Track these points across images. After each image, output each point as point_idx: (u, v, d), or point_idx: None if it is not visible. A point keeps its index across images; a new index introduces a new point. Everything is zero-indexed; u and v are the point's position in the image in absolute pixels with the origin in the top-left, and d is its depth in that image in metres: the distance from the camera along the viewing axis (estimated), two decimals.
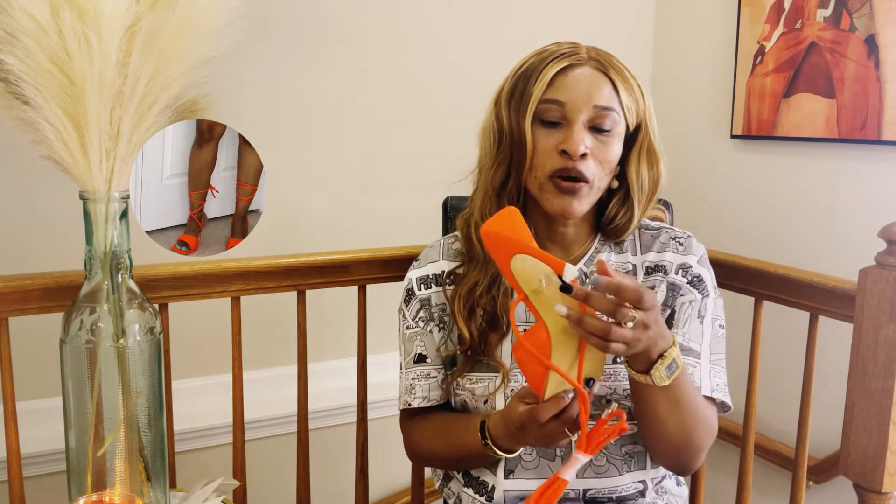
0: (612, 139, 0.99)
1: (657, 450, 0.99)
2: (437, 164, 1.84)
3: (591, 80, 0.98)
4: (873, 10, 1.64)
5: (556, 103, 0.97)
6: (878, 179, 1.68)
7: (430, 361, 1.08)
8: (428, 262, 1.11)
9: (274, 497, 1.68)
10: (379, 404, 1.65)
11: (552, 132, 0.98)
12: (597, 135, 0.98)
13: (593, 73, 0.98)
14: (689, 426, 0.95)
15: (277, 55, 1.70)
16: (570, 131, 0.97)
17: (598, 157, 0.98)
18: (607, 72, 0.98)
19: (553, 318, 0.82)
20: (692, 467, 1.01)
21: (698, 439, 0.97)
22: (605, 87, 0.98)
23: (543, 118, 0.98)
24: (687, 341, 1.02)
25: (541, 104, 0.98)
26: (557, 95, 0.97)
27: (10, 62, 0.86)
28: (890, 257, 1.11)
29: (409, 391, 1.09)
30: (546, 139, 0.98)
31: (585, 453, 0.84)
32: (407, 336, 1.10)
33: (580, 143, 0.96)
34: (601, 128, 0.98)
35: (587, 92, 0.97)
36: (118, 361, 0.94)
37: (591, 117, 0.97)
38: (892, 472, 1.12)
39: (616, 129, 0.99)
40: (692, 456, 0.98)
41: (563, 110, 0.97)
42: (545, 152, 0.98)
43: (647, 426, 0.96)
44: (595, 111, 0.97)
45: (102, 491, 0.94)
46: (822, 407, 1.44)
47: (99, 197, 0.93)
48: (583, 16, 2.07)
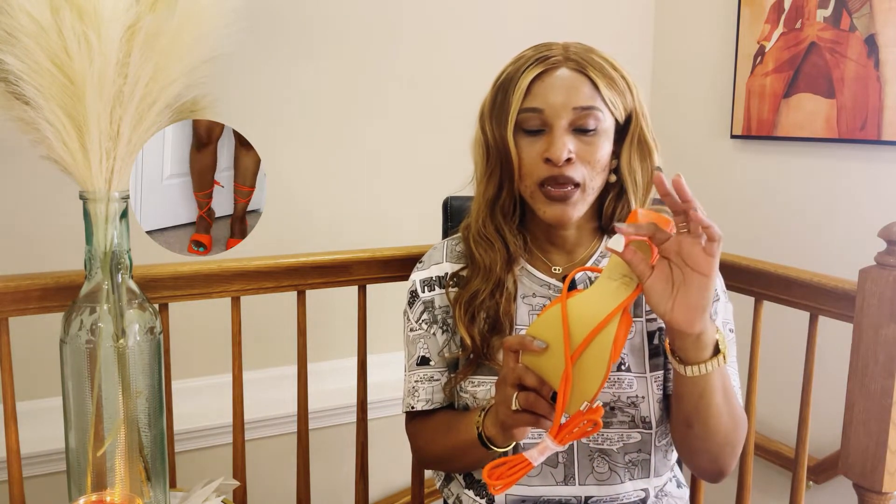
0: (597, 138, 0.97)
1: (706, 450, 0.96)
2: (438, 164, 1.84)
3: (569, 83, 0.96)
4: (873, 10, 1.64)
5: (535, 111, 0.96)
6: (878, 179, 1.68)
7: (434, 364, 1.08)
8: (431, 264, 1.11)
9: (274, 497, 1.68)
10: (379, 404, 1.65)
11: (535, 140, 0.97)
12: (581, 136, 0.96)
13: (570, 74, 0.97)
14: (736, 414, 0.94)
15: (277, 55, 1.70)
16: (551, 138, 0.95)
17: (584, 159, 0.96)
18: (585, 70, 0.97)
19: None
20: (731, 466, 0.99)
21: (742, 432, 0.97)
22: (584, 87, 0.96)
23: (525, 127, 0.97)
24: None
25: (521, 114, 0.97)
26: (536, 103, 0.96)
27: (10, 62, 0.86)
28: (890, 257, 1.11)
29: (413, 394, 1.09)
30: (530, 148, 0.97)
31: (555, 440, 0.82)
32: (410, 338, 1.10)
33: (563, 149, 0.94)
34: (585, 128, 0.96)
35: (565, 95, 0.95)
36: (118, 361, 0.94)
37: (573, 120, 0.96)
38: (892, 472, 1.12)
39: (601, 127, 0.97)
40: (737, 451, 0.97)
41: (543, 117, 0.96)
42: (531, 162, 0.97)
43: (702, 425, 0.93)
44: (576, 113, 0.95)
45: (102, 491, 0.94)
46: (822, 407, 1.44)
47: (99, 197, 0.93)
48: (583, 16, 2.07)
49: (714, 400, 0.90)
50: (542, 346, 0.82)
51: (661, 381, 1.01)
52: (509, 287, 1.02)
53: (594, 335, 0.80)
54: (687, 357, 0.87)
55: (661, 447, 1.03)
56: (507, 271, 1.03)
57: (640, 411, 0.99)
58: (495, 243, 1.03)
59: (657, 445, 1.02)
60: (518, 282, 1.04)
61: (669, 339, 0.89)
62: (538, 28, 1.97)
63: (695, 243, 0.79)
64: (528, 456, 0.83)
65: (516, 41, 1.12)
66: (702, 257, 0.79)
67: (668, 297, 0.81)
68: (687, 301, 0.81)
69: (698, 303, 0.81)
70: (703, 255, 0.79)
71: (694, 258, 0.79)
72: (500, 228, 1.04)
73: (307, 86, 1.74)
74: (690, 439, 0.96)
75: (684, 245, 0.79)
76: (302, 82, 1.74)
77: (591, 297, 0.83)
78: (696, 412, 0.92)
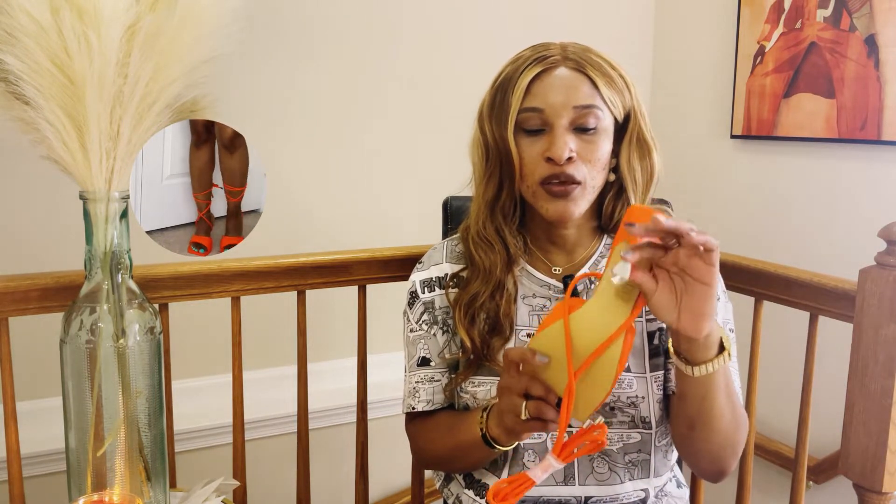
0: (597, 137, 0.98)
1: (707, 451, 0.96)
2: (438, 164, 1.84)
3: (568, 82, 0.97)
4: (873, 10, 1.64)
5: (535, 111, 0.97)
6: (878, 179, 1.68)
7: (434, 365, 1.08)
8: (431, 265, 1.11)
9: (274, 497, 1.68)
10: (379, 404, 1.65)
11: (536, 140, 0.98)
12: (581, 135, 0.97)
13: (570, 73, 0.97)
14: (738, 415, 0.94)
15: (277, 55, 1.70)
16: (552, 137, 0.96)
17: (585, 158, 0.97)
18: (584, 69, 0.97)
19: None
20: (732, 466, 0.99)
21: (743, 432, 0.97)
22: (584, 86, 0.97)
23: (525, 127, 0.98)
24: None
25: (520, 114, 0.97)
26: (535, 103, 0.97)
27: (10, 62, 0.86)
28: (890, 257, 1.11)
29: (413, 395, 1.08)
30: (531, 148, 0.98)
31: (558, 458, 0.82)
32: (411, 339, 1.10)
33: (564, 148, 0.95)
34: (585, 127, 0.97)
35: (565, 94, 0.96)
36: (118, 361, 0.94)
37: (573, 119, 0.96)
38: (892, 472, 1.12)
39: (601, 126, 0.98)
40: (738, 451, 0.97)
41: (543, 116, 0.97)
42: (532, 161, 0.98)
43: (705, 426, 0.93)
44: (576, 112, 0.96)
45: (102, 491, 0.94)
46: (822, 407, 1.44)
47: (99, 197, 0.93)
48: (583, 16, 2.07)
49: (718, 401, 0.90)
50: (543, 360, 0.82)
51: (661, 382, 1.01)
52: (509, 288, 1.02)
53: (599, 353, 0.80)
54: (694, 357, 0.87)
55: (661, 447, 1.03)
56: (507, 273, 1.03)
57: (640, 411, 0.99)
58: (495, 245, 1.03)
59: (657, 445, 1.02)
60: (518, 282, 1.04)
61: (675, 343, 0.89)
62: (538, 28, 1.97)
63: (692, 255, 0.79)
64: (531, 475, 0.84)
65: (516, 41, 1.12)
66: (701, 267, 0.79)
67: (673, 308, 0.81)
68: (692, 309, 0.81)
69: (703, 310, 0.81)
70: (703, 265, 0.79)
71: (693, 269, 0.79)
72: (500, 230, 1.04)
73: (307, 86, 1.74)
74: (692, 440, 0.96)
75: (682, 257, 0.79)
76: (302, 82, 1.74)
77: (594, 309, 0.82)
78: (699, 413, 0.92)
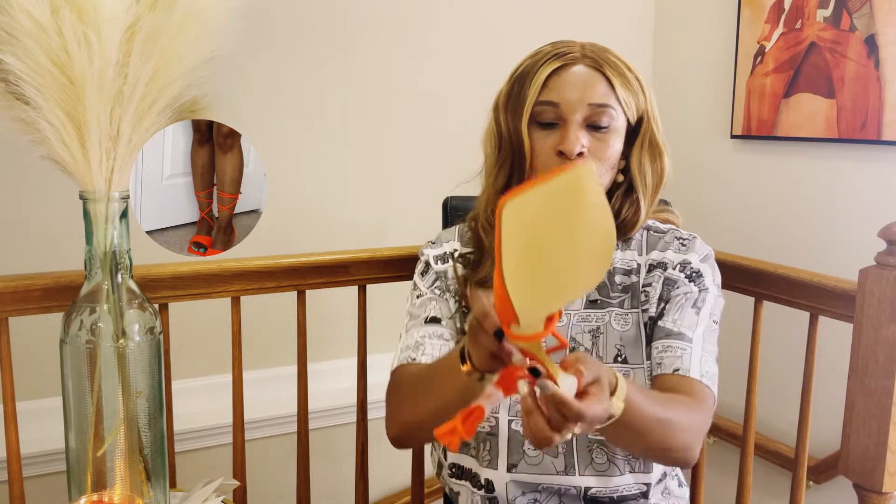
0: (610, 136, 0.99)
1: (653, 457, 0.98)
2: (438, 164, 1.84)
3: (586, 79, 0.98)
4: (873, 10, 1.64)
5: (550, 104, 0.98)
6: (878, 179, 1.68)
7: (444, 325, 1.05)
8: (444, 242, 1.13)
9: (274, 497, 1.68)
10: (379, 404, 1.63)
11: (549, 133, 0.99)
12: (594, 132, 0.99)
13: (587, 71, 0.99)
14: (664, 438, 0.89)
15: (277, 55, 1.70)
16: (565, 131, 0.98)
17: (596, 155, 0.99)
18: (602, 68, 0.99)
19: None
20: (687, 463, 0.98)
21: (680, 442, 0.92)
22: (600, 85, 0.98)
23: (539, 120, 0.99)
24: (678, 327, 1.01)
25: (536, 106, 0.99)
26: (552, 97, 0.98)
27: (10, 62, 0.86)
28: (890, 257, 1.11)
29: (417, 347, 1.03)
30: (543, 141, 0.99)
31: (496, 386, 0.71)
32: (418, 303, 1.07)
33: (576, 142, 0.97)
34: (598, 125, 0.98)
35: (581, 91, 0.98)
36: (118, 361, 0.94)
37: (587, 115, 0.98)
38: (892, 472, 1.12)
39: (614, 125, 0.99)
40: (680, 457, 0.94)
41: (559, 111, 0.98)
42: (543, 154, 0.99)
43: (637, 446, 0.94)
44: (591, 109, 0.98)
45: (102, 491, 0.94)
46: (822, 407, 1.44)
47: (99, 197, 0.93)
48: (583, 16, 2.07)
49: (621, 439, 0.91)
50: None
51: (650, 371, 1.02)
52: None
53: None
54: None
55: None
56: None
57: None
58: None
59: None
60: None
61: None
62: (538, 29, 1.97)
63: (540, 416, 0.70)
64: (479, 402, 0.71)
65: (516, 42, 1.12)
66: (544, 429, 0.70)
67: None
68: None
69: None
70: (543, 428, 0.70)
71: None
72: None
73: (308, 86, 1.74)
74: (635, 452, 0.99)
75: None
76: (302, 82, 1.73)
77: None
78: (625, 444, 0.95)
